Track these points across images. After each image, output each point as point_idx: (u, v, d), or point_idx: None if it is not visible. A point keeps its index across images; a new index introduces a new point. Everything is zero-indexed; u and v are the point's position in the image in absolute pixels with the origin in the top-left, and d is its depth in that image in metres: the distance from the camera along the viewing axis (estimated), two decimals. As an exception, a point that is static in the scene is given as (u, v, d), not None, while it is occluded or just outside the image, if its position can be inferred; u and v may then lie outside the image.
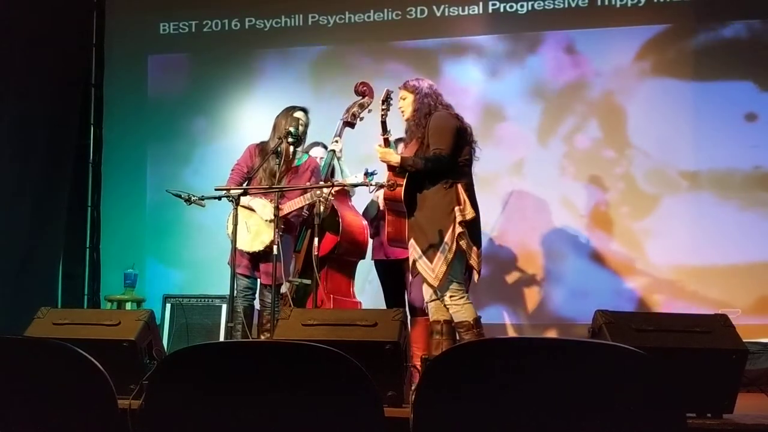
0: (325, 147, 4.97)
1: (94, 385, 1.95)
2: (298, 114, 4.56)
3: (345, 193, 4.90)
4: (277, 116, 4.61)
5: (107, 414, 1.98)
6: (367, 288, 5.32)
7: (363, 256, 4.88)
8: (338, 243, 4.68)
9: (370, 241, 4.89)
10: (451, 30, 6.19)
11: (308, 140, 4.83)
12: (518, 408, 1.74)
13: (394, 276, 4.82)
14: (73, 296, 6.45)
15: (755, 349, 4.84)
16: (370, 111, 4.77)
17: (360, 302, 4.88)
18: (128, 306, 5.88)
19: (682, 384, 1.78)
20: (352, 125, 4.82)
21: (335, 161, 4.84)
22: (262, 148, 4.58)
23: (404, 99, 4.14)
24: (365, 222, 4.87)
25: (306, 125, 4.60)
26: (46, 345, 2.21)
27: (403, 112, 4.15)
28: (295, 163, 4.58)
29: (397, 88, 4.18)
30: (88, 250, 6.63)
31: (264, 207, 4.39)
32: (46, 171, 6.07)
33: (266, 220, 4.34)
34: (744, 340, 3.17)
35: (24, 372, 2.02)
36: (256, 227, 4.41)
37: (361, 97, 4.82)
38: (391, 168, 4.09)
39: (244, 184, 4.45)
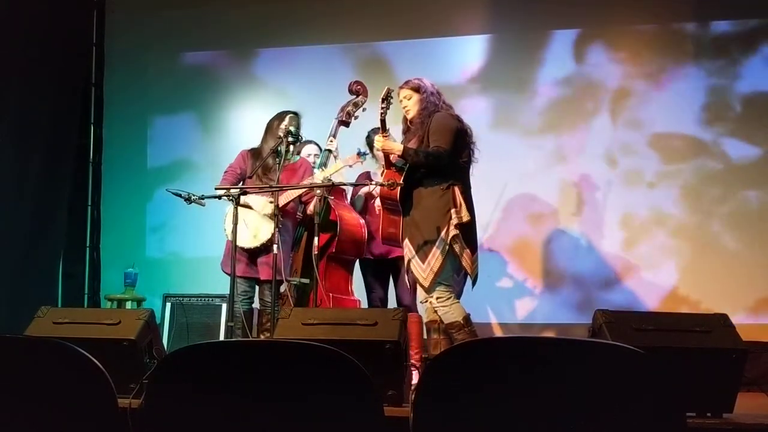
0: (318, 145, 4.96)
1: (95, 385, 1.95)
2: (291, 118, 4.58)
3: (341, 191, 4.90)
4: (270, 120, 4.67)
5: (107, 413, 1.98)
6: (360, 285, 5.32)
7: (361, 254, 4.88)
8: (337, 241, 4.68)
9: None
10: (452, 29, 6.20)
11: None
12: (518, 407, 1.75)
13: (381, 274, 4.88)
14: (74, 295, 6.45)
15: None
16: (364, 110, 4.74)
17: (359, 300, 4.88)
18: (128, 305, 5.89)
19: (682, 383, 1.78)
20: (347, 124, 4.79)
21: (332, 160, 4.83)
22: (254, 153, 4.63)
23: (409, 98, 4.11)
24: (362, 220, 4.87)
25: (298, 128, 4.62)
26: (46, 344, 2.21)
27: (407, 111, 4.13)
28: (290, 161, 4.61)
29: (398, 88, 4.16)
30: (88, 249, 6.64)
31: (259, 201, 4.42)
32: (46, 171, 6.06)
33: (264, 214, 4.37)
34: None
35: (24, 371, 2.02)
36: (254, 224, 4.43)
37: (355, 96, 4.79)
38: (389, 165, 4.08)
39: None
